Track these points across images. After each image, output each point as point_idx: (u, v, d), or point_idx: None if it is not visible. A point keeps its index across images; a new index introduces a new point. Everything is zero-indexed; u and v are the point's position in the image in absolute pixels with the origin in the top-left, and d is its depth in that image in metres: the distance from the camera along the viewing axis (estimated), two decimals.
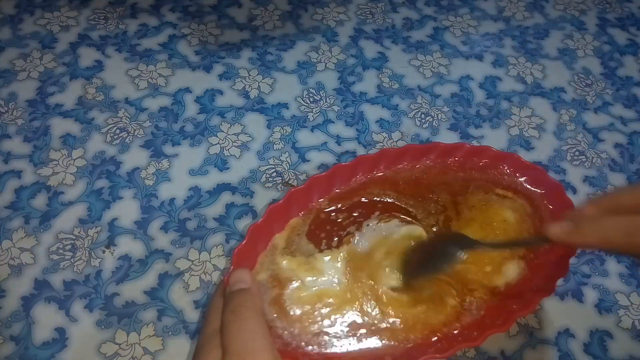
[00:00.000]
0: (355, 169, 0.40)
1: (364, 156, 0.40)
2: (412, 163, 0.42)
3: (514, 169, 0.42)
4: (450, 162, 0.42)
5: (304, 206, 0.39)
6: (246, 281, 0.33)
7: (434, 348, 0.33)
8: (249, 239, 0.35)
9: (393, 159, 0.41)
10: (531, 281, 0.37)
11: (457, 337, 0.34)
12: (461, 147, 0.42)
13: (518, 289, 0.37)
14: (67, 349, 0.40)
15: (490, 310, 0.36)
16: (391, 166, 0.42)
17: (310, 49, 0.60)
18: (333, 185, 0.40)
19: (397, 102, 0.56)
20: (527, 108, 0.57)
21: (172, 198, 0.47)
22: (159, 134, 0.51)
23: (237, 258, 0.34)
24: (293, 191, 0.37)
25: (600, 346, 0.42)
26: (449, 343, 0.33)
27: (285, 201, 0.37)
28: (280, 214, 0.38)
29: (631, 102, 0.59)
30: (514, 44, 0.63)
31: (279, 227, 0.38)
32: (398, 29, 0.63)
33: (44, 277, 0.43)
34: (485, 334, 0.33)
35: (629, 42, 0.65)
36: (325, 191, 0.40)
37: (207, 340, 0.30)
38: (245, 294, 0.32)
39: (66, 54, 0.57)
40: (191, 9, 0.63)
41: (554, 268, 0.36)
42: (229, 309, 0.30)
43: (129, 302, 0.42)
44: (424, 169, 0.42)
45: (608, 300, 0.45)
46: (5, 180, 0.47)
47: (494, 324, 0.34)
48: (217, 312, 0.31)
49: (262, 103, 0.55)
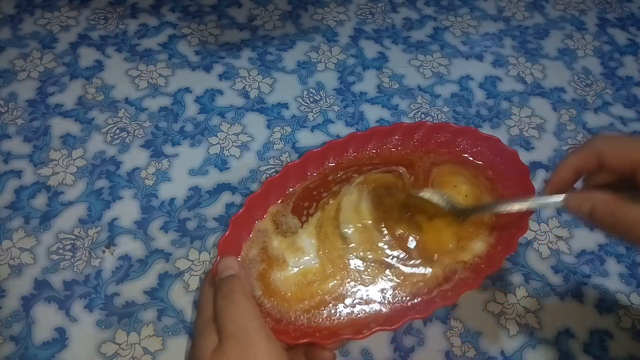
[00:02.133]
0: (326, 154, 0.43)
1: (334, 141, 0.42)
2: (378, 145, 0.44)
3: (472, 142, 0.44)
4: (414, 140, 0.45)
5: (281, 193, 0.41)
6: (234, 268, 0.34)
7: (413, 310, 0.35)
8: (232, 229, 0.37)
9: (361, 141, 0.43)
10: (495, 245, 0.39)
11: (434, 298, 0.36)
12: (422, 125, 0.44)
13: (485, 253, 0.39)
14: (67, 349, 0.40)
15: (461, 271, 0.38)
16: (359, 149, 0.44)
17: (310, 49, 0.60)
18: (306, 171, 0.42)
19: (397, 102, 0.56)
20: (527, 108, 0.57)
21: (172, 198, 0.47)
22: (159, 134, 0.51)
23: (223, 247, 0.36)
24: (269, 180, 0.39)
25: (600, 346, 0.42)
26: (427, 304, 0.36)
27: (263, 190, 0.39)
28: (259, 203, 0.39)
29: (631, 102, 0.59)
30: (514, 44, 0.63)
31: (259, 215, 0.40)
32: (398, 29, 0.63)
33: (44, 277, 0.43)
34: (459, 292, 0.35)
35: (629, 42, 0.65)
36: (300, 177, 0.42)
37: (203, 327, 0.31)
38: (234, 280, 0.33)
39: (66, 54, 0.57)
40: (191, 9, 0.63)
41: (514, 228, 0.38)
42: (220, 295, 0.32)
43: (129, 302, 0.42)
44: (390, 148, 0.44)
45: (608, 300, 0.45)
46: (5, 180, 0.47)
47: (465, 283, 0.36)
48: (209, 301, 0.33)
49: (262, 103, 0.55)
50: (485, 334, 0.42)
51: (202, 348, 0.30)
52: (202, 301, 0.34)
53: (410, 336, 0.42)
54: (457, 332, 0.42)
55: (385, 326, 0.34)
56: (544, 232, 0.48)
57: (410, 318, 0.34)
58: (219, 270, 0.34)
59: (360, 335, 0.33)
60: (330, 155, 0.43)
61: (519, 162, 0.41)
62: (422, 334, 0.42)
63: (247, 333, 0.30)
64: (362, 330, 0.33)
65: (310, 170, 0.42)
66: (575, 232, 0.48)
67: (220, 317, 0.31)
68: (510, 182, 0.41)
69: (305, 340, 0.33)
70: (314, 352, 0.33)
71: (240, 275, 0.34)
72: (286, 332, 0.34)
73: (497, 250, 0.38)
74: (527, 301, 0.44)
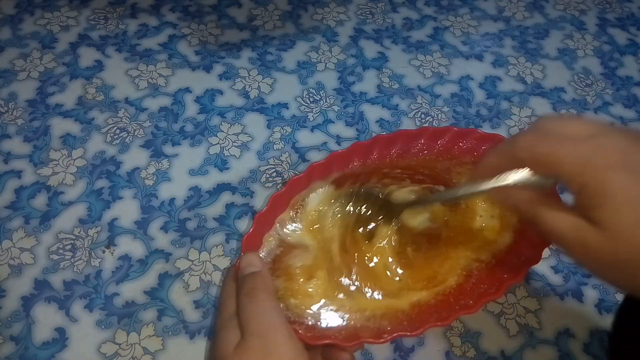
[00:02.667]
0: (351, 156, 0.42)
1: (359, 143, 0.41)
2: (404, 148, 0.43)
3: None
4: (439, 144, 0.43)
5: (303, 191, 0.40)
6: (257, 264, 0.34)
7: (434, 317, 0.34)
8: (256, 226, 0.36)
9: (386, 144, 0.42)
10: (518, 252, 0.37)
11: (455, 306, 0.35)
12: (449, 130, 0.43)
13: (505, 260, 0.38)
14: (67, 349, 0.40)
15: (481, 280, 0.37)
16: (384, 151, 0.43)
17: (310, 49, 0.60)
18: (330, 171, 0.41)
19: (397, 102, 0.56)
20: (527, 108, 0.57)
21: (172, 198, 0.47)
22: (159, 134, 0.51)
23: (247, 244, 0.35)
24: (294, 179, 0.39)
25: (600, 346, 0.42)
26: (448, 312, 0.35)
27: (287, 189, 0.38)
28: (283, 201, 0.39)
29: (631, 102, 0.59)
30: (514, 44, 0.63)
31: (280, 211, 0.39)
32: (398, 29, 0.63)
33: (44, 277, 0.43)
34: (481, 302, 0.34)
35: (629, 42, 0.65)
36: (323, 176, 0.41)
37: (226, 322, 0.32)
38: (257, 277, 0.33)
39: (66, 54, 0.57)
40: (191, 9, 0.63)
41: (539, 237, 0.37)
42: (243, 292, 0.32)
43: (129, 302, 0.42)
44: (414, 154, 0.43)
45: (608, 300, 0.45)
46: (5, 180, 0.47)
47: (487, 292, 0.35)
48: (232, 297, 0.33)
49: (262, 103, 0.55)
50: (485, 334, 0.42)
51: (224, 343, 0.30)
52: (224, 297, 0.34)
53: None
54: (457, 332, 0.42)
55: (407, 332, 0.33)
56: None
57: (431, 325, 0.34)
58: (242, 267, 0.34)
59: (381, 340, 0.33)
60: (355, 157, 0.42)
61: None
62: (422, 334, 0.42)
63: (269, 330, 0.30)
64: (383, 335, 0.33)
65: (335, 170, 0.41)
66: None
67: (243, 314, 0.31)
68: None
69: (326, 341, 0.33)
70: (332, 353, 0.33)
71: (263, 272, 0.34)
72: (306, 332, 0.34)
73: (521, 261, 0.36)
74: (527, 301, 0.44)
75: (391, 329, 0.34)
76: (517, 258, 0.37)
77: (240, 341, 0.30)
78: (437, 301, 0.36)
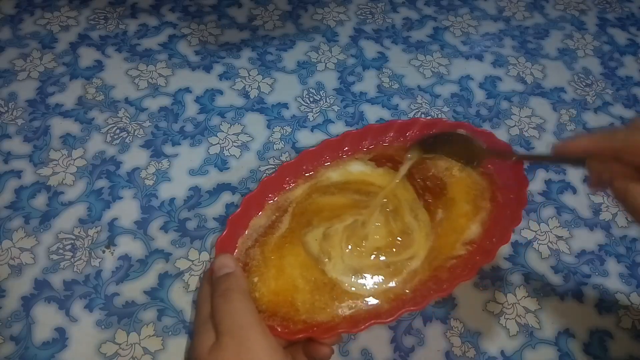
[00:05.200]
0: (322, 152, 0.43)
1: (329, 139, 0.42)
2: (373, 142, 0.44)
3: None
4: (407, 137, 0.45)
5: (277, 192, 0.41)
6: (230, 266, 0.34)
7: (409, 303, 0.35)
8: (229, 228, 0.37)
9: (356, 139, 0.43)
10: (490, 235, 0.39)
11: (429, 290, 0.36)
12: (416, 122, 0.44)
13: (478, 245, 0.39)
14: (67, 349, 0.40)
15: (456, 264, 0.38)
16: (354, 147, 0.44)
17: (310, 49, 0.60)
18: (301, 169, 0.42)
19: (397, 102, 0.56)
20: (527, 108, 0.57)
21: (172, 198, 0.47)
22: (159, 134, 0.51)
23: (220, 247, 0.36)
24: (266, 179, 0.40)
25: (600, 346, 0.42)
26: (422, 297, 0.35)
27: (259, 190, 0.39)
28: (256, 202, 0.40)
29: (631, 102, 0.59)
30: (514, 44, 0.63)
31: (255, 213, 0.40)
32: (398, 29, 0.63)
33: (44, 277, 0.43)
34: (454, 283, 0.35)
35: (629, 42, 0.65)
36: (295, 175, 0.42)
37: (201, 324, 0.32)
38: (230, 278, 0.33)
39: (66, 54, 0.57)
40: (191, 9, 0.63)
41: (508, 220, 0.38)
42: (217, 294, 0.32)
43: (129, 302, 0.42)
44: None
45: (608, 300, 0.45)
46: (5, 180, 0.47)
47: (460, 274, 0.36)
48: (207, 299, 0.33)
49: (262, 103, 0.55)
50: (485, 334, 0.42)
51: (199, 345, 0.31)
52: (200, 300, 0.34)
53: (410, 336, 0.42)
54: (457, 332, 0.42)
55: (381, 319, 0.34)
56: (544, 232, 0.48)
57: (405, 310, 0.34)
58: (216, 269, 0.34)
59: (356, 329, 0.33)
60: (326, 154, 0.43)
61: (512, 154, 0.42)
62: (422, 334, 0.42)
63: (242, 328, 0.30)
64: (358, 324, 0.33)
65: (306, 168, 0.42)
66: (575, 232, 0.48)
67: (217, 315, 0.31)
68: (506, 174, 0.41)
69: (303, 335, 0.33)
70: (312, 347, 0.33)
71: (236, 273, 0.34)
72: (283, 329, 0.34)
73: (492, 242, 0.38)
74: (527, 301, 0.44)
75: (366, 318, 0.34)
76: (489, 239, 0.38)
77: (215, 342, 0.30)
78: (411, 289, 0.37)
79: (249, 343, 0.30)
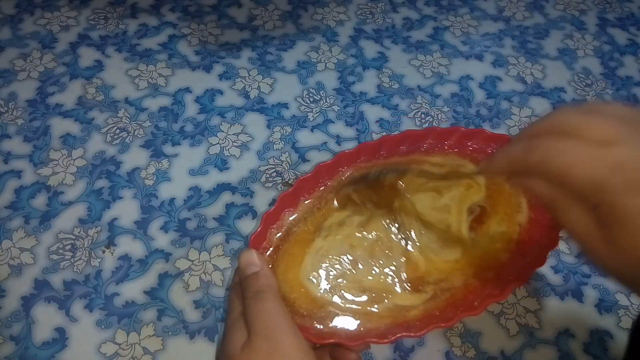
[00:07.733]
0: (358, 155, 0.42)
1: (366, 143, 0.42)
2: (411, 148, 0.43)
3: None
4: (446, 145, 0.43)
5: (311, 192, 0.40)
6: (256, 263, 0.34)
7: (438, 318, 0.35)
8: (264, 225, 0.37)
9: (394, 143, 0.43)
10: (523, 257, 0.37)
11: (459, 307, 0.35)
12: (456, 131, 0.43)
13: (511, 264, 0.37)
14: (67, 349, 0.40)
15: (487, 283, 0.37)
16: (392, 150, 0.43)
17: (310, 49, 0.60)
18: (338, 169, 0.41)
19: (397, 102, 0.56)
20: (527, 108, 0.57)
21: (172, 198, 0.47)
22: (159, 134, 0.51)
23: (254, 243, 0.36)
24: (302, 179, 0.39)
25: (600, 346, 0.42)
26: (452, 313, 0.35)
27: (294, 189, 0.39)
28: (291, 201, 0.39)
29: (631, 102, 0.59)
30: (514, 44, 0.63)
31: (290, 210, 0.39)
32: (398, 29, 0.63)
33: (44, 277, 0.43)
34: (485, 303, 0.34)
35: (629, 42, 0.65)
36: (332, 175, 0.41)
37: (233, 323, 0.32)
38: (260, 278, 0.33)
39: (66, 54, 0.57)
40: (191, 9, 0.63)
41: (544, 240, 0.37)
42: (248, 295, 0.33)
43: (129, 302, 0.42)
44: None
45: (608, 300, 0.45)
46: (5, 180, 0.47)
47: (492, 294, 0.35)
48: (239, 298, 0.34)
49: (262, 103, 0.55)
50: (485, 334, 0.42)
51: (232, 343, 0.31)
52: (232, 298, 0.34)
53: None
54: (457, 332, 0.42)
55: (410, 332, 0.34)
56: None
57: (435, 326, 0.34)
58: (241, 267, 0.34)
59: (385, 340, 0.33)
60: (362, 156, 0.42)
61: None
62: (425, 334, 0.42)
63: (275, 329, 0.30)
64: (387, 335, 0.33)
65: (342, 169, 0.42)
66: None
67: (249, 315, 0.32)
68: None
69: (332, 340, 0.33)
70: (339, 352, 0.34)
71: (264, 272, 0.34)
72: (312, 332, 0.34)
73: (526, 263, 0.36)
74: (527, 301, 0.44)
75: (395, 330, 0.34)
76: (523, 260, 0.37)
77: (247, 341, 0.31)
78: (442, 303, 0.36)
79: (281, 344, 0.30)
